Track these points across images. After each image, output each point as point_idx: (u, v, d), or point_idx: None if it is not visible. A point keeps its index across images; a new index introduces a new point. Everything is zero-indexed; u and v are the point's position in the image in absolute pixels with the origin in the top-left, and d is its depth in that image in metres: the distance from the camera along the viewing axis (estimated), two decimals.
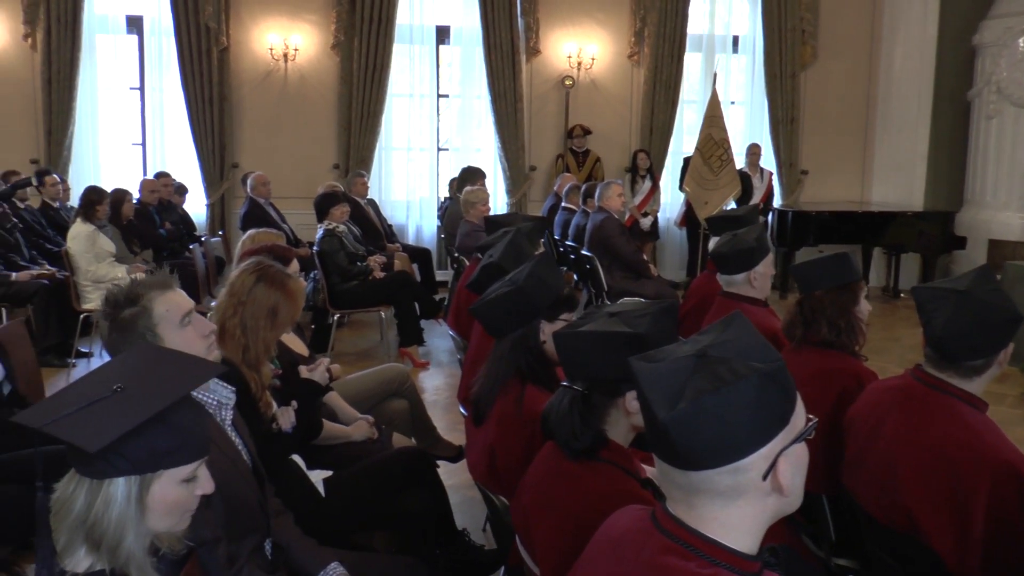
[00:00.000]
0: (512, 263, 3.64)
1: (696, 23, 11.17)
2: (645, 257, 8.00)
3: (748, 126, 11.53)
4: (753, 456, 1.38)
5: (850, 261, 3.30)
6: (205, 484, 1.70)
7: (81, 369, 7.16)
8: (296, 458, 3.23)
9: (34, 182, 5.47)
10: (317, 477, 3.21)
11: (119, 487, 1.57)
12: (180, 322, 2.35)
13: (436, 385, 6.80)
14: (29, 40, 10.21)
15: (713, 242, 4.86)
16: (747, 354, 1.43)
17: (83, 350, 7.46)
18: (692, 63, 11.34)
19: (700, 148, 8.82)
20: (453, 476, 4.43)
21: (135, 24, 10.61)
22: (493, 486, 2.78)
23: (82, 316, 7.21)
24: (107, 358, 6.46)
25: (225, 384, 2.51)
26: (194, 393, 2.34)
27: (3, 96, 10.33)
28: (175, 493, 1.63)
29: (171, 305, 2.35)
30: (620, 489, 2.08)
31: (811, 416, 1.47)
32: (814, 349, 3.20)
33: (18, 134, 10.31)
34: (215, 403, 2.47)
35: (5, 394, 3.68)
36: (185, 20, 10.19)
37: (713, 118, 8.87)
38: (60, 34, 10.08)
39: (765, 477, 1.39)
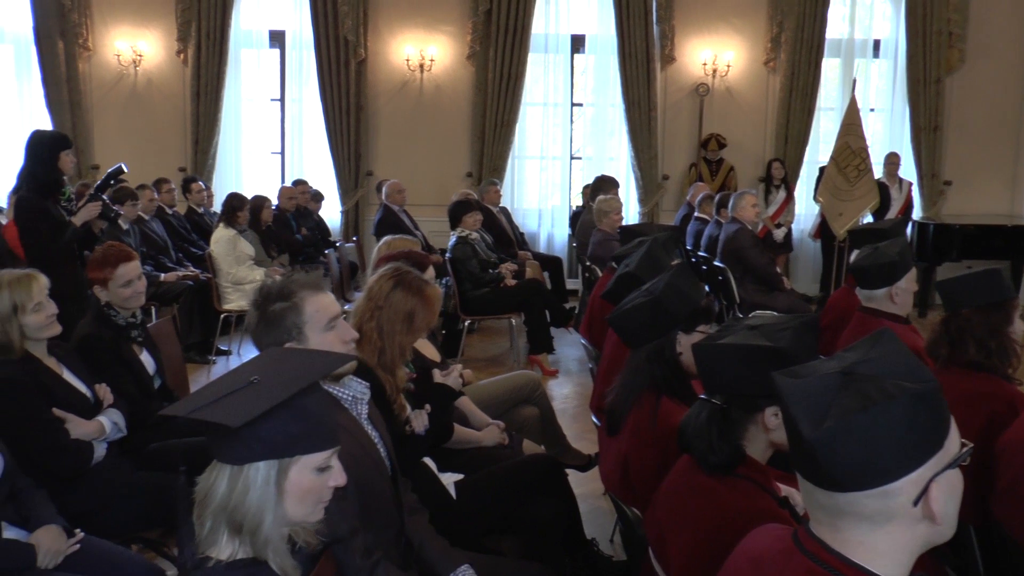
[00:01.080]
0: (649, 273, 3.62)
1: (835, 27, 10.82)
2: (778, 269, 7.80)
3: (887, 134, 11.08)
4: (903, 480, 1.33)
5: (1002, 278, 3.14)
6: (338, 476, 1.75)
7: (220, 366, 7.51)
8: (428, 461, 3.29)
9: (125, 168, 5.76)
10: (448, 480, 3.26)
11: (258, 471, 1.65)
12: (326, 325, 2.42)
13: (565, 393, 6.81)
14: (181, 56, 10.79)
15: (854, 255, 4.70)
16: (897, 373, 1.38)
17: (223, 348, 7.83)
18: (830, 69, 11.00)
19: (836, 157, 8.53)
20: (582, 485, 4.42)
21: (277, 38, 11.05)
22: (626, 497, 2.77)
23: (222, 316, 7.59)
24: (246, 356, 6.73)
25: (359, 380, 2.57)
26: (331, 389, 2.44)
27: (157, 108, 10.95)
28: (310, 480, 1.69)
29: (320, 307, 2.42)
30: (758, 507, 2.04)
31: (965, 441, 1.41)
32: (961, 371, 3.05)
33: (169, 144, 10.90)
34: (350, 398, 2.53)
35: (156, 387, 3.88)
36: (325, 33, 10.54)
37: (851, 126, 8.57)
38: (209, 49, 10.61)
39: (916, 503, 1.34)
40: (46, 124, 10.71)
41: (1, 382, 3.14)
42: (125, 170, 5.81)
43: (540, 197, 11.27)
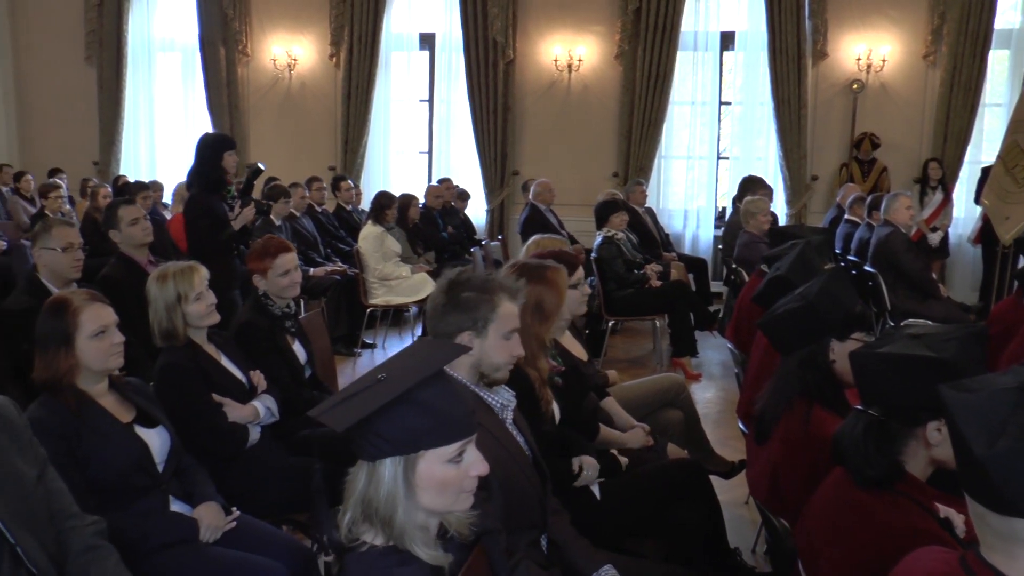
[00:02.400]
0: (801, 277, 3.50)
1: (1004, 16, 10.17)
2: (933, 276, 7.40)
3: None
4: None
5: None
6: (478, 465, 1.74)
7: (365, 359, 7.74)
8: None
9: (262, 167, 6.02)
10: (592, 481, 3.24)
11: (387, 467, 1.68)
12: (507, 333, 2.49)
13: (708, 398, 6.68)
14: (334, 59, 11.22)
15: (1021, 262, 4.41)
16: None
17: (368, 341, 8.06)
18: (997, 61, 10.33)
19: (1003, 157, 7.97)
20: (724, 492, 4.31)
21: (427, 41, 11.31)
22: (774, 507, 2.68)
23: (368, 310, 7.81)
24: (390, 350, 6.86)
25: (508, 388, 2.60)
26: (482, 394, 2.48)
27: (310, 110, 11.42)
28: (443, 472, 1.70)
29: (510, 315, 2.49)
30: (917, 526, 1.94)
31: None
32: None
33: (320, 144, 11.34)
34: (499, 405, 2.57)
35: (306, 376, 4.04)
36: (474, 35, 10.71)
37: (1020, 123, 8.01)
38: (360, 53, 10.98)
39: None
40: (207, 127, 11.38)
41: (167, 367, 3.35)
42: (263, 168, 6.10)
43: (686, 197, 11.10)
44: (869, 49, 10.31)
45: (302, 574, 2.86)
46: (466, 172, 11.11)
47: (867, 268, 7.13)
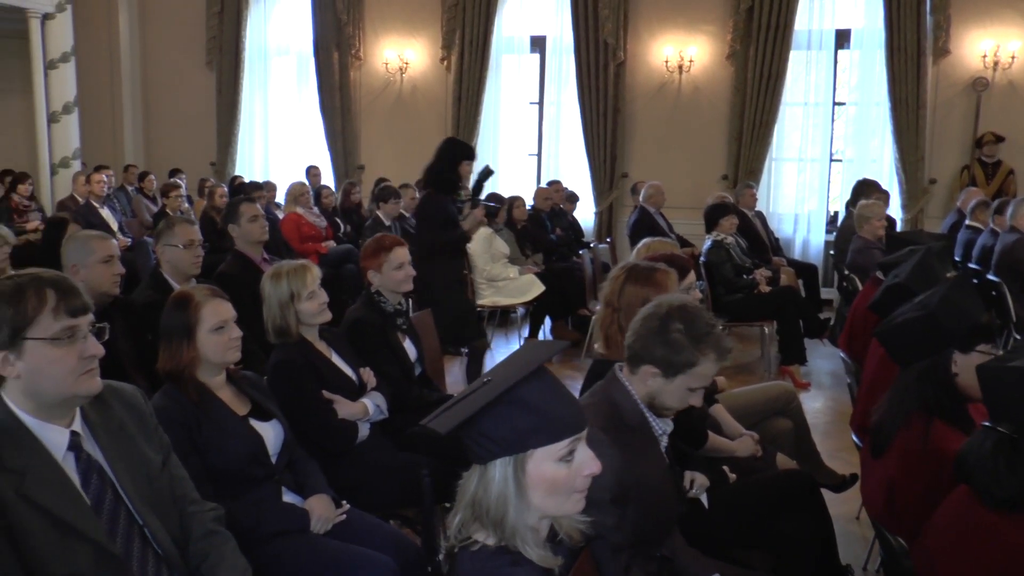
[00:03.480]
0: (921, 285, 3.38)
1: None
2: None
3: None
4: None
5: None
6: (590, 464, 1.73)
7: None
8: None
9: (492, 169, 6.30)
10: (701, 490, 3.19)
11: (496, 468, 1.69)
12: (694, 388, 2.50)
13: (817, 408, 6.50)
14: (445, 62, 11.38)
15: None
16: None
17: None
18: None
19: None
20: (834, 506, 4.17)
21: (538, 44, 11.36)
22: (890, 524, 2.59)
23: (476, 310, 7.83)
24: (497, 351, 6.90)
25: (670, 420, 2.62)
26: (651, 420, 2.53)
27: (420, 113, 11.60)
28: (553, 471, 1.69)
29: (706, 376, 2.50)
30: None
31: None
32: None
33: (429, 146, 10.80)
34: (661, 432, 2.60)
35: (416, 374, 4.10)
36: (585, 37, 10.69)
37: None
38: (471, 56, 11.10)
39: None
40: (319, 129, 11.70)
41: (280, 363, 3.45)
42: (493, 171, 6.34)
43: (796, 201, 10.83)
44: (996, 45, 9.82)
45: (410, 568, 2.90)
46: (575, 174, 11.10)
47: (990, 277, 6.82)
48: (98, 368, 2.15)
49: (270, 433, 2.97)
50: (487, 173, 6.16)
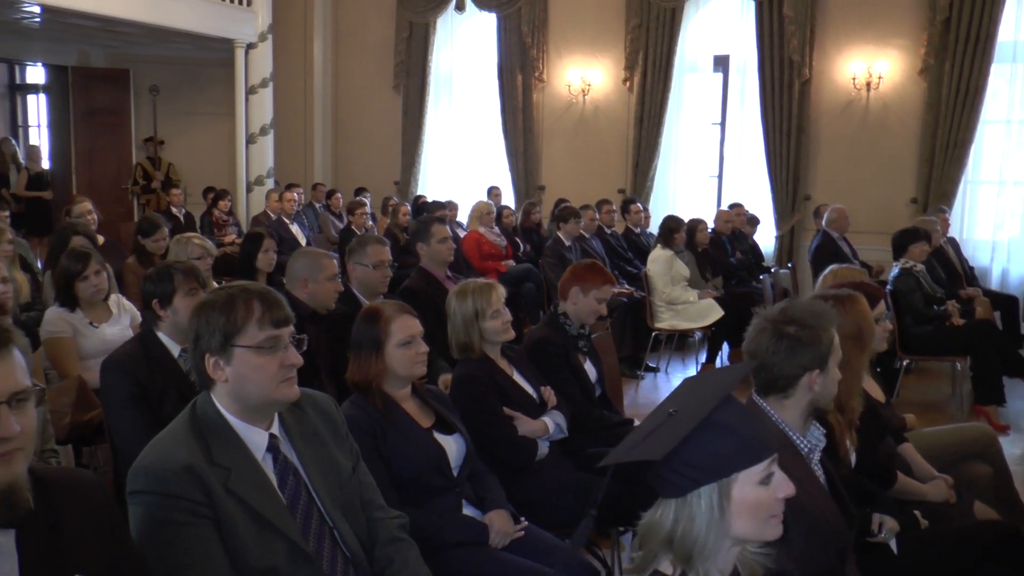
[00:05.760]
0: None
1: None
2: None
3: None
4: None
5: None
6: (784, 486, 1.71)
7: (648, 382, 7.75)
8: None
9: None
10: (890, 534, 3.02)
11: (701, 498, 1.66)
12: (839, 361, 2.51)
13: (1017, 455, 5.99)
14: (627, 83, 11.37)
15: None
16: None
17: (651, 364, 8.06)
18: None
19: None
20: None
21: (721, 63, 11.21)
22: None
23: (654, 333, 7.78)
24: (673, 375, 6.81)
25: (819, 425, 2.54)
26: (792, 436, 2.45)
27: (601, 133, 11.66)
28: (754, 495, 1.67)
29: (839, 344, 2.49)
30: None
31: None
32: None
33: (610, 167, 11.54)
34: (807, 448, 2.52)
35: (596, 395, 4.11)
36: (770, 55, 10.45)
37: None
38: (654, 76, 11.07)
39: None
40: (500, 149, 11.96)
41: (464, 378, 3.55)
42: None
43: (994, 227, 10.18)
44: None
45: None
46: (755, 196, 10.83)
47: None
48: (296, 376, 2.26)
49: (453, 446, 3.05)
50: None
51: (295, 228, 9.93)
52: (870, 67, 10.21)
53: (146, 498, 2.06)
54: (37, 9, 9.97)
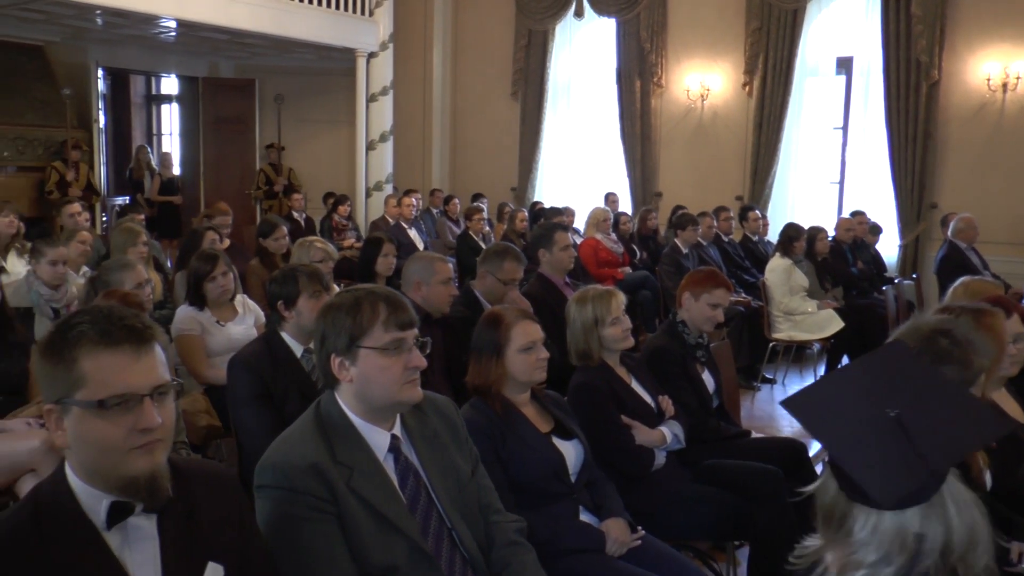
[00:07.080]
0: None
1: None
2: None
3: None
4: None
5: None
6: None
7: (764, 394, 7.57)
8: None
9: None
10: None
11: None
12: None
13: None
14: (747, 88, 11.16)
15: None
16: None
17: (767, 376, 7.87)
18: None
19: None
20: None
21: (844, 65, 10.87)
22: None
23: (771, 344, 7.60)
24: (789, 386, 6.64)
25: None
26: None
27: (720, 139, 11.48)
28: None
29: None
30: None
31: None
32: None
33: (728, 173, 11.33)
34: None
35: (714, 406, 4.04)
36: (895, 56, 10.07)
37: None
38: (774, 80, 10.83)
39: None
40: (619, 155, 11.90)
41: (581, 385, 3.54)
42: None
43: None
44: None
45: None
46: (878, 204, 10.46)
47: None
48: (419, 379, 2.30)
49: (571, 452, 3.05)
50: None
51: (413, 233, 10.07)
52: (1006, 67, 9.70)
53: (273, 493, 2.13)
54: (173, 23, 10.52)
